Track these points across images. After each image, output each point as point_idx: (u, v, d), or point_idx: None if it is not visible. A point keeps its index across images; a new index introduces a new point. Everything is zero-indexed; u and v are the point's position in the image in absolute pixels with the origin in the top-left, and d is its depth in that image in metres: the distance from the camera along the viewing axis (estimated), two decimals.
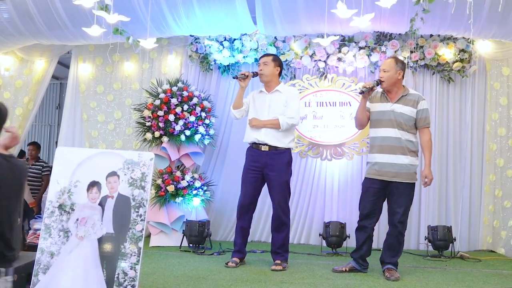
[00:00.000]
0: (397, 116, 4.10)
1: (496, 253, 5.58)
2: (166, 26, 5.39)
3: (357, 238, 4.34)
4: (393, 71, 4.13)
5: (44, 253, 2.89)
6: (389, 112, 4.13)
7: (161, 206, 5.63)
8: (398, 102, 4.14)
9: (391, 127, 4.10)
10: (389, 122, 4.11)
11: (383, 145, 4.11)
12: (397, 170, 4.07)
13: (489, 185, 5.83)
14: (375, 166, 4.16)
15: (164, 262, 4.59)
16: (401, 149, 4.07)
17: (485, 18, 4.71)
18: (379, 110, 4.19)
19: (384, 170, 4.11)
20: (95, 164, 3.06)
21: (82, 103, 6.67)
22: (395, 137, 4.08)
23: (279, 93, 4.48)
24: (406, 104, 4.13)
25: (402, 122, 4.10)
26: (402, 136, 4.08)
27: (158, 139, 5.77)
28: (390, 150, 4.09)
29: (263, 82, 4.56)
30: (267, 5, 5.04)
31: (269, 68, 4.48)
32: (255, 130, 4.45)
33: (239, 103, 4.56)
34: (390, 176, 4.09)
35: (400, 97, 4.15)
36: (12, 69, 6.64)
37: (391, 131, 4.09)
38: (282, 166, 4.39)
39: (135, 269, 2.84)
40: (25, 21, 5.39)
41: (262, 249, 5.37)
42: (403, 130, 4.09)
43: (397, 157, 4.07)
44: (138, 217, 2.94)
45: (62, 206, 2.98)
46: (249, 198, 4.51)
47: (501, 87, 5.79)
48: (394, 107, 4.13)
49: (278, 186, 4.39)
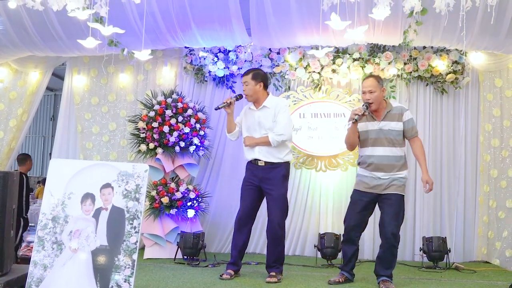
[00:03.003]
0: (386, 133, 4.12)
1: (491, 264, 5.58)
2: (161, 38, 5.41)
3: (345, 251, 4.35)
4: (378, 90, 4.12)
5: (37, 266, 2.87)
6: (377, 131, 4.14)
7: (156, 218, 5.61)
8: (384, 119, 4.15)
9: (380, 145, 4.12)
10: (378, 140, 4.13)
11: (375, 163, 4.12)
12: (388, 183, 4.09)
13: (483, 196, 5.85)
14: (365, 179, 4.18)
15: (158, 274, 4.56)
16: (392, 166, 4.10)
17: (478, 30, 4.76)
18: (368, 129, 4.19)
19: (374, 184, 4.13)
20: (89, 176, 3.06)
21: (77, 114, 6.66)
22: (385, 155, 4.10)
23: (267, 108, 4.41)
24: (392, 119, 4.14)
25: (393, 138, 4.12)
26: (392, 153, 4.11)
27: (152, 151, 5.76)
28: (381, 168, 4.11)
29: (250, 101, 4.54)
30: (262, 17, 5.07)
31: (250, 87, 4.41)
32: (250, 148, 4.45)
33: (231, 127, 4.57)
34: (381, 190, 4.12)
35: (386, 114, 4.16)
36: (6, 80, 6.63)
37: (381, 149, 4.11)
38: (277, 179, 4.37)
39: (129, 282, 2.82)
40: (20, 33, 5.39)
41: (257, 261, 5.35)
42: (393, 146, 4.11)
43: (388, 174, 4.10)
44: (132, 229, 2.93)
45: (56, 218, 2.96)
46: (246, 211, 4.47)
47: (494, 98, 5.83)
48: (382, 125, 4.14)
49: (274, 200, 4.36)
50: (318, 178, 6.12)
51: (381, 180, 4.10)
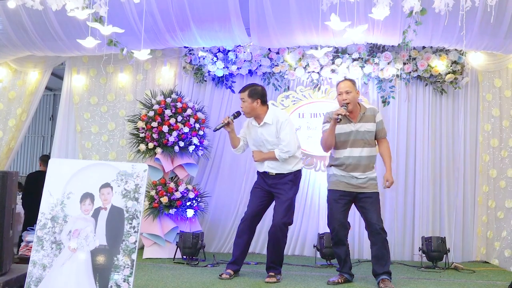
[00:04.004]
0: (362, 134, 4.23)
1: (490, 264, 5.58)
2: (160, 37, 5.41)
3: (338, 253, 4.39)
4: (354, 91, 4.27)
5: (36, 265, 2.87)
6: (354, 132, 4.23)
7: (155, 217, 5.61)
8: (360, 121, 4.25)
9: (356, 146, 4.22)
10: (355, 142, 4.22)
11: (353, 163, 4.21)
12: (366, 181, 4.21)
13: (482, 196, 5.85)
14: (343, 179, 4.25)
15: (157, 274, 4.56)
16: (367, 166, 4.24)
17: (477, 30, 4.76)
18: (344, 131, 4.26)
19: (353, 183, 4.22)
20: (89, 175, 3.05)
21: (76, 114, 6.65)
22: (363, 156, 4.21)
23: (268, 125, 4.37)
24: (367, 121, 4.27)
25: (369, 139, 4.25)
26: (368, 153, 4.24)
27: (151, 150, 5.76)
28: (358, 168, 4.21)
29: (248, 118, 4.52)
30: (261, 17, 5.07)
31: (247, 104, 4.38)
32: (259, 163, 4.47)
33: (235, 143, 4.56)
34: (360, 189, 4.21)
35: (361, 116, 4.26)
36: (6, 80, 6.62)
37: (358, 150, 4.22)
38: (286, 184, 4.38)
39: (128, 282, 2.82)
40: (19, 33, 5.39)
41: (257, 261, 5.35)
42: (369, 147, 4.24)
43: (365, 174, 4.21)
44: (131, 229, 2.93)
45: (55, 218, 2.96)
46: (254, 209, 4.47)
47: (493, 98, 5.84)
48: (358, 126, 4.24)
49: (280, 202, 4.36)
50: (318, 178, 6.12)
51: (358, 180, 4.21)
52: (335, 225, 4.28)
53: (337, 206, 4.26)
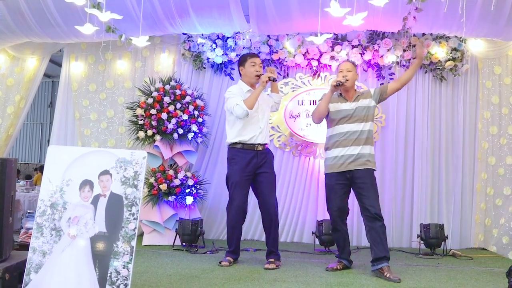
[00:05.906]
0: (361, 111, 4.22)
1: (488, 251, 5.61)
2: (159, 24, 5.38)
3: (336, 239, 4.42)
4: (354, 71, 4.31)
5: (36, 252, 2.87)
6: (350, 110, 4.23)
7: (154, 204, 5.62)
8: (355, 100, 4.27)
9: (352, 122, 4.21)
10: (351, 118, 4.21)
11: (346, 139, 4.19)
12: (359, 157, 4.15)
13: (481, 183, 5.87)
14: (335, 160, 4.22)
15: (157, 261, 4.58)
16: (363, 140, 4.19)
17: (477, 17, 4.74)
18: (340, 109, 4.26)
19: (344, 161, 4.18)
20: (88, 162, 3.04)
21: (75, 101, 6.64)
22: (356, 131, 4.18)
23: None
24: (363, 98, 4.28)
25: (369, 114, 4.24)
26: (364, 128, 4.21)
27: (151, 138, 5.76)
28: (352, 143, 4.18)
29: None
30: (260, 4, 5.03)
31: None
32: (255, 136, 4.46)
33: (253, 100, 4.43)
34: (352, 165, 4.16)
35: (356, 97, 4.28)
36: (4, 67, 6.59)
37: (353, 125, 4.20)
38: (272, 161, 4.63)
39: (128, 268, 2.83)
40: (17, 19, 5.35)
41: (255, 248, 5.37)
42: (366, 122, 4.22)
43: (361, 147, 4.17)
44: (130, 216, 2.93)
45: (54, 205, 2.96)
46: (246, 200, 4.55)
47: (493, 85, 5.83)
48: (353, 105, 4.24)
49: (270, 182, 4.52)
50: (316, 165, 6.13)
51: (351, 156, 4.15)
52: (333, 210, 4.28)
53: (334, 190, 4.25)
